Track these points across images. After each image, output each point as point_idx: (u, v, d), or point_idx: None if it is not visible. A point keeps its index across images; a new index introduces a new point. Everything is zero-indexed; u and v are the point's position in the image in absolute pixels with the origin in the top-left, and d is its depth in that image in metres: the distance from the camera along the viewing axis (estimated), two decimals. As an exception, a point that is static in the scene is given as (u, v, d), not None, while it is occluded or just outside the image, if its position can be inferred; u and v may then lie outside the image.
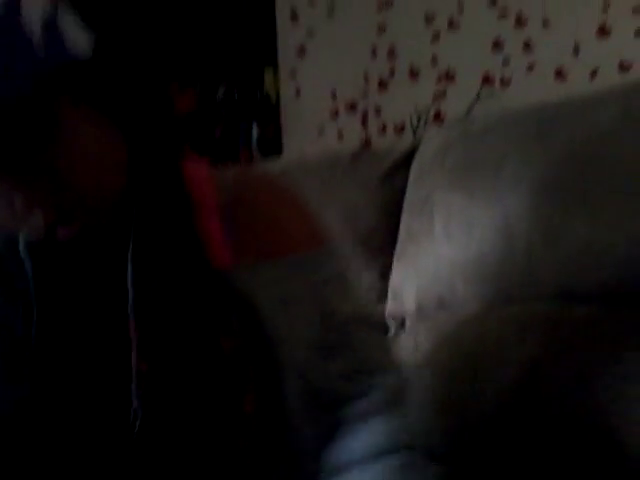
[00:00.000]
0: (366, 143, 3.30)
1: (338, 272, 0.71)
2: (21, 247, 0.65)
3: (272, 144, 3.71)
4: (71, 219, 0.61)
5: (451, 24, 3.17)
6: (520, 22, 2.98)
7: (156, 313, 0.60)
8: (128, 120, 0.63)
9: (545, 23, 2.92)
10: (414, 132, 3.07)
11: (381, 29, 3.34)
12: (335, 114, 3.49)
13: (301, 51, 3.59)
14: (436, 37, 3.20)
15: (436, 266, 1.14)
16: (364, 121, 3.41)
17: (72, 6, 0.59)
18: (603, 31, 2.80)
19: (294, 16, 3.60)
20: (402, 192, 1.25)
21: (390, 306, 1.21)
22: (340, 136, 3.43)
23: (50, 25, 0.56)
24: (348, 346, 0.67)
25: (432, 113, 3.09)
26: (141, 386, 0.60)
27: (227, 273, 0.63)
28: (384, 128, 3.32)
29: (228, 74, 4.26)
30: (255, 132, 3.93)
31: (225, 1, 4.14)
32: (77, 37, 0.58)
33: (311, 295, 0.67)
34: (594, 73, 2.79)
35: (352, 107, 3.45)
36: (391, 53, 3.33)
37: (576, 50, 2.85)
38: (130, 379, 0.60)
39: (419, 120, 3.06)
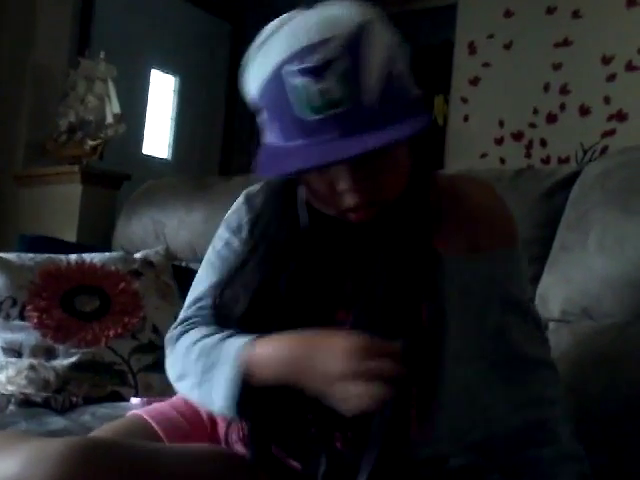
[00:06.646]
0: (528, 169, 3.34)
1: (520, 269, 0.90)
2: (300, 212, 0.85)
3: (434, 165, 3.78)
4: (372, 206, 0.79)
5: (629, 67, 3.17)
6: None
7: (391, 275, 0.80)
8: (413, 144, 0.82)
9: None
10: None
11: (556, 66, 3.40)
12: (500, 141, 3.54)
13: (475, 80, 3.67)
14: (611, 78, 3.21)
15: (586, 277, 1.21)
16: (528, 150, 3.44)
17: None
18: None
19: (472, 50, 3.71)
20: (560, 210, 1.33)
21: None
22: (502, 162, 3.45)
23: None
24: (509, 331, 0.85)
25: (599, 149, 3.08)
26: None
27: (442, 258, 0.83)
28: (548, 159, 3.33)
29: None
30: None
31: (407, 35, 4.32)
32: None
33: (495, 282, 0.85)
34: None
35: (518, 136, 3.49)
36: (563, 89, 3.37)
37: None
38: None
39: (585, 154, 3.05)
